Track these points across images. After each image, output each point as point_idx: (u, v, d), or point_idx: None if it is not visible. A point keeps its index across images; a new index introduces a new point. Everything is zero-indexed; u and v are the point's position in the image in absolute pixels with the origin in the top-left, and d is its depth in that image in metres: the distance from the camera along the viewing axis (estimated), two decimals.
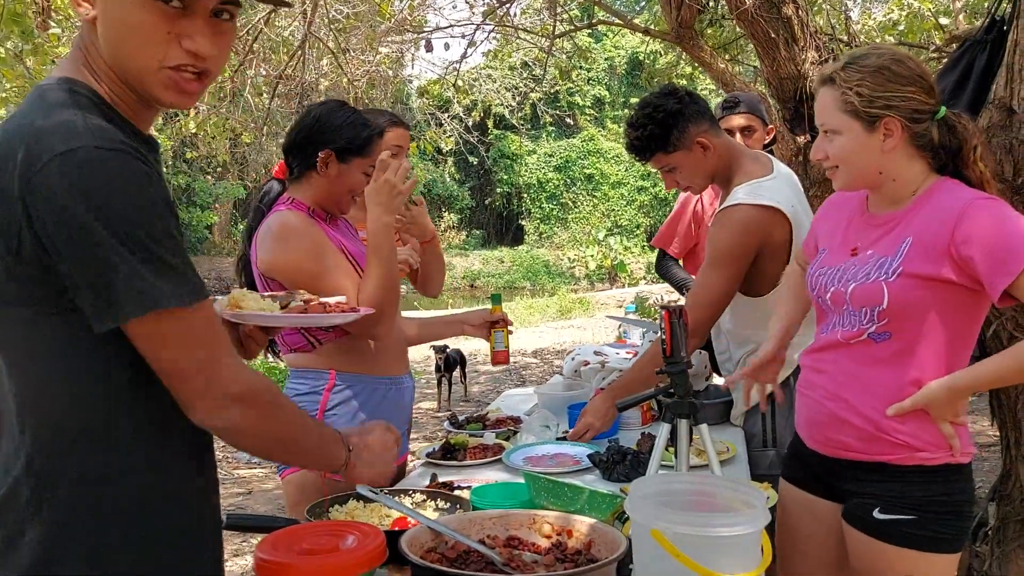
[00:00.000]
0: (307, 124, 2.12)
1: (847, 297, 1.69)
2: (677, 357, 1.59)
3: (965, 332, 1.65)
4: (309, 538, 1.37)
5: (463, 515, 1.57)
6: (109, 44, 1.07)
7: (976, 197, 1.59)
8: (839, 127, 1.67)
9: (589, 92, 22.42)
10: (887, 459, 1.68)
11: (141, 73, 1.07)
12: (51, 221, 0.97)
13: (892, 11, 6.10)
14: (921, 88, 1.64)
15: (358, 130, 2.10)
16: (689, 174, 2.31)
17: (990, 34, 2.31)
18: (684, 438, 1.61)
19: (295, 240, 2.01)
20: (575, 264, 21.03)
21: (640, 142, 2.27)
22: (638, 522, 1.26)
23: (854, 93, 1.63)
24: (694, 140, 2.26)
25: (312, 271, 2.00)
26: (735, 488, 1.37)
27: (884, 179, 1.69)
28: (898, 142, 1.65)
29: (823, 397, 1.76)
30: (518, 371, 8.76)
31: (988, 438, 4.71)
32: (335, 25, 7.61)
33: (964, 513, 1.69)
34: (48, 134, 0.98)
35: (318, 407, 2.09)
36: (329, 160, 2.09)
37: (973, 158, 1.63)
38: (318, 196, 2.13)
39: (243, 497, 4.86)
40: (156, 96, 1.09)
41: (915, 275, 1.60)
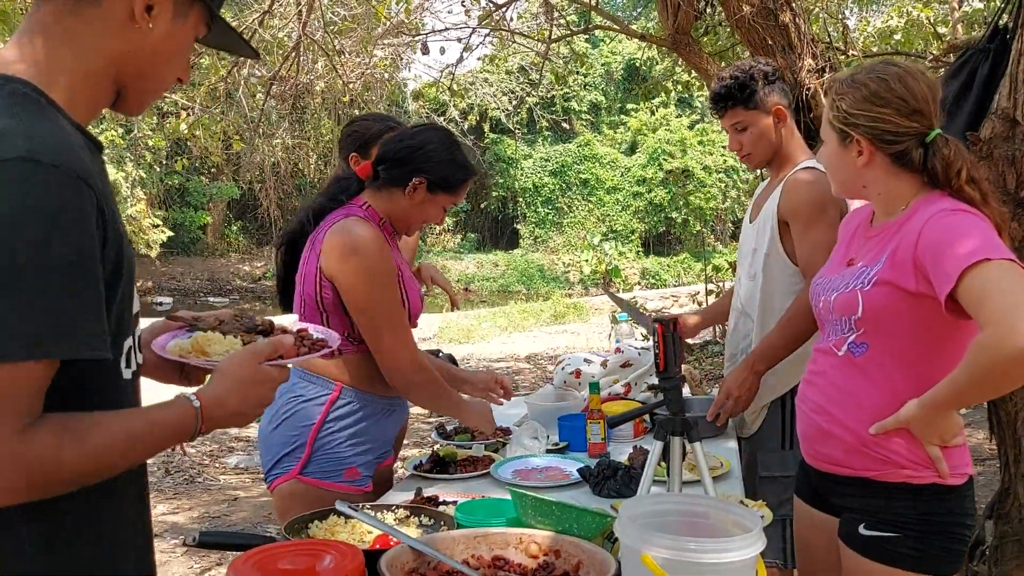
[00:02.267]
0: (411, 145, 2.11)
1: (831, 306, 1.71)
2: (671, 372, 1.55)
3: (948, 349, 1.61)
4: (285, 557, 1.31)
5: (447, 534, 1.52)
6: (149, 56, 1.10)
7: (947, 208, 1.57)
8: (824, 135, 1.73)
9: (585, 97, 22.41)
10: (871, 475, 1.66)
11: (156, 86, 1.15)
12: None
13: (891, 18, 6.08)
14: (898, 111, 1.61)
15: (456, 171, 2.13)
16: (756, 139, 2.40)
17: (993, 43, 2.28)
18: (677, 456, 1.57)
19: (369, 258, 2.01)
20: (570, 269, 20.99)
21: (725, 90, 2.37)
22: (628, 546, 1.21)
23: (834, 107, 1.67)
24: (774, 106, 2.37)
25: (386, 302, 2.04)
26: (728, 510, 1.33)
27: (869, 192, 1.71)
28: (868, 160, 1.65)
29: (812, 410, 1.76)
30: (510, 376, 8.71)
31: (984, 453, 4.68)
32: (331, 27, 7.57)
33: (954, 534, 1.65)
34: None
35: (317, 418, 2.07)
36: (419, 187, 2.10)
37: (958, 183, 1.60)
38: (395, 213, 2.15)
39: (228, 504, 4.79)
40: (139, 106, 1.16)
41: (888, 283, 1.60)
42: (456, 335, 11.40)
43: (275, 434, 2.09)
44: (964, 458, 1.66)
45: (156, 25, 1.09)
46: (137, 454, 1.06)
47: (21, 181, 0.91)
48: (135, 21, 1.07)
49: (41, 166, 0.92)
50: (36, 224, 0.90)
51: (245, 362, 1.16)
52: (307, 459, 2.05)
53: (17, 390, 0.91)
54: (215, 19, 1.17)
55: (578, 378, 2.88)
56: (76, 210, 0.94)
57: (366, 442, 2.12)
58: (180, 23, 1.12)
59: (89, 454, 0.97)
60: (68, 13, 1.05)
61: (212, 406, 1.10)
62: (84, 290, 0.95)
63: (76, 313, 0.94)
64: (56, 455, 0.94)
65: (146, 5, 1.07)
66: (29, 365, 0.91)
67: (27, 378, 0.92)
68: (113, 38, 1.07)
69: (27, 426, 0.92)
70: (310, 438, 2.05)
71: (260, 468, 5.53)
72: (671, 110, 21.53)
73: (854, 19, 9.71)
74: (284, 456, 2.07)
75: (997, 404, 2.51)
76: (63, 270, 0.92)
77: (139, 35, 1.08)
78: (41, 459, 0.93)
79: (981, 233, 1.51)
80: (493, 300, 18.49)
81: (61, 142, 0.96)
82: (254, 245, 21.46)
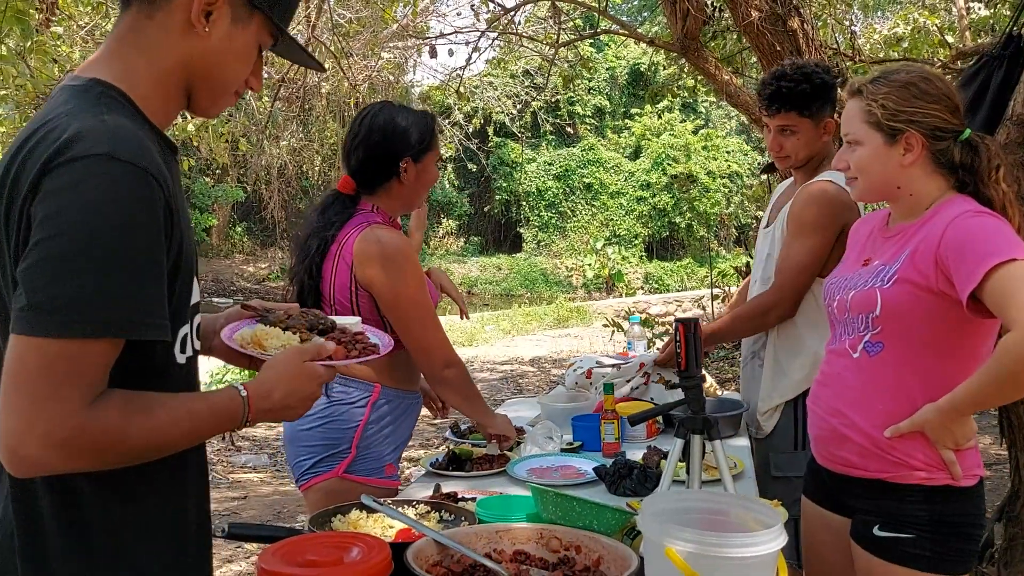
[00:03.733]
0: (376, 138, 2.12)
1: (848, 304, 1.72)
2: (692, 371, 1.57)
3: (962, 352, 1.62)
4: (313, 549, 1.34)
5: (468, 528, 1.54)
6: (210, 59, 1.17)
7: (971, 210, 1.58)
8: (861, 138, 1.70)
9: (590, 102, 22.42)
10: (885, 476, 1.67)
11: (220, 89, 1.21)
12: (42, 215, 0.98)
13: (897, 25, 6.10)
14: (946, 107, 1.65)
15: (421, 126, 2.15)
16: (801, 144, 2.39)
17: (1008, 49, 2.30)
18: (697, 454, 1.59)
19: (408, 267, 2.07)
20: (572, 273, 20.99)
21: (787, 91, 2.34)
22: (652, 540, 1.23)
23: (879, 105, 1.65)
24: (825, 118, 2.38)
25: (420, 305, 2.09)
26: (749, 507, 1.35)
27: (902, 193, 1.70)
28: (917, 157, 1.66)
29: (827, 412, 1.77)
30: (515, 379, 8.72)
31: (992, 456, 4.69)
32: (338, 30, 7.60)
33: (967, 535, 1.67)
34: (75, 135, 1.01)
35: (361, 419, 2.11)
36: (408, 166, 2.13)
37: (995, 177, 1.62)
38: (400, 201, 2.19)
39: (239, 502, 4.81)
40: (211, 108, 1.23)
41: (908, 281, 1.61)
42: (459, 338, 11.42)
43: (312, 434, 2.12)
44: (976, 459, 1.68)
45: (214, 30, 1.15)
46: (195, 434, 1.13)
47: (104, 176, 0.99)
48: (194, 26, 1.13)
49: (121, 164, 1.01)
50: (114, 215, 0.99)
51: (290, 359, 1.25)
52: (352, 459, 2.10)
53: (87, 365, 1.00)
54: (282, 32, 1.23)
55: (589, 378, 2.90)
56: (148, 205, 1.03)
57: (400, 438, 2.19)
58: (239, 29, 1.18)
59: (153, 429, 1.06)
60: (144, 18, 1.14)
61: (257, 397, 1.18)
62: (150, 277, 1.03)
63: (143, 298, 1.02)
64: (122, 427, 1.03)
65: (204, 11, 1.14)
66: (99, 342, 1.00)
67: (96, 354, 1.00)
68: (177, 43, 1.15)
69: (95, 399, 1.01)
70: (355, 439, 2.10)
71: (268, 467, 5.57)
72: (675, 115, 21.54)
73: (859, 25, 9.73)
74: (326, 456, 2.11)
75: (1008, 408, 2.53)
76: (133, 258, 1.01)
77: (199, 40, 1.15)
78: (107, 430, 1.01)
79: (1005, 235, 1.52)
80: (496, 304, 18.49)
81: (140, 143, 1.05)
82: (259, 246, 21.48)
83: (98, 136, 1.01)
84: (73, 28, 6.21)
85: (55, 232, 0.97)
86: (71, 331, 0.97)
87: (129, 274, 1.00)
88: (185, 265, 1.12)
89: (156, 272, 1.04)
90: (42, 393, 0.97)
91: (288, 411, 1.23)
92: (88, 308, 0.98)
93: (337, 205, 2.16)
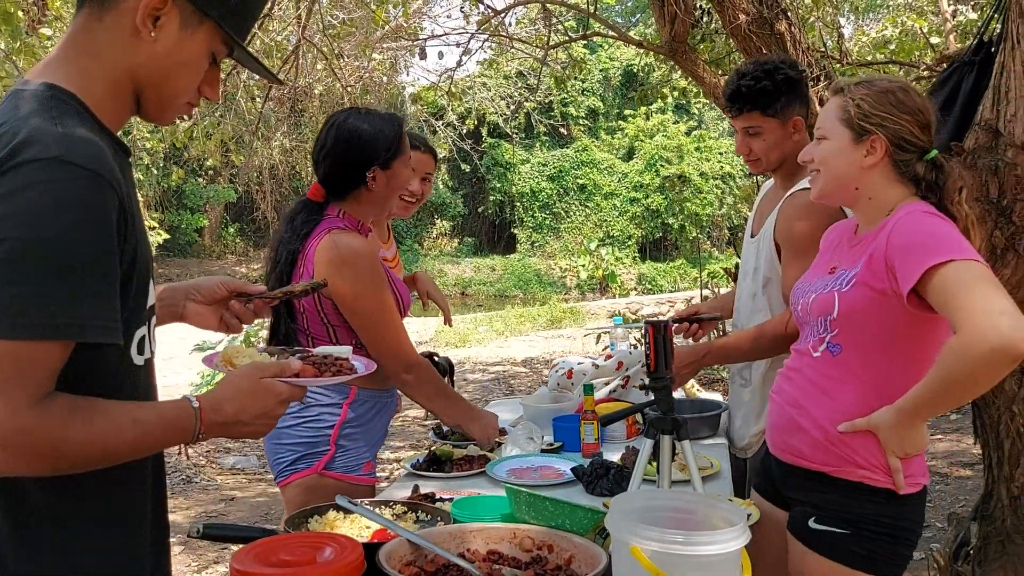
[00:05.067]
0: (342, 148, 2.13)
1: (809, 306, 1.75)
2: (661, 372, 1.59)
3: (919, 353, 1.64)
4: (286, 549, 1.35)
5: (443, 528, 1.56)
6: (156, 65, 1.15)
7: (921, 209, 1.62)
8: (829, 133, 1.74)
9: (583, 103, 22.46)
10: (828, 470, 1.70)
11: (168, 97, 1.19)
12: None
13: (886, 28, 6.13)
14: (917, 121, 1.68)
15: (388, 133, 2.15)
16: (769, 146, 2.27)
17: (978, 55, 2.33)
18: (666, 454, 1.61)
19: (363, 269, 2.08)
20: (566, 274, 21.03)
21: (747, 91, 2.22)
22: (618, 539, 1.26)
23: (854, 104, 1.69)
24: (792, 116, 2.25)
25: (376, 305, 2.09)
26: (716, 505, 1.37)
27: (860, 195, 1.74)
28: (878, 161, 1.69)
29: (786, 403, 1.80)
30: (506, 380, 8.74)
31: (972, 457, 4.73)
32: (330, 31, 7.61)
33: (901, 539, 1.69)
34: (26, 139, 1.01)
35: (337, 419, 2.14)
36: (376, 174, 2.14)
37: (958, 199, 1.66)
38: (370, 207, 2.20)
39: (225, 504, 4.82)
40: (160, 115, 1.21)
41: (864, 284, 1.64)
42: (452, 339, 11.43)
43: (291, 432, 2.15)
44: (921, 467, 1.70)
45: (161, 35, 1.14)
46: (142, 444, 1.12)
47: (54, 179, 1.00)
48: (140, 30, 1.12)
49: (72, 167, 1.01)
50: (64, 218, 0.99)
51: (246, 374, 1.24)
52: (331, 457, 2.13)
53: (34, 366, 1.00)
54: (235, 43, 1.21)
55: (570, 378, 2.92)
56: (100, 208, 1.03)
57: (376, 435, 2.23)
58: (187, 36, 1.15)
59: (95, 435, 1.05)
60: (95, 21, 1.13)
61: (209, 410, 1.17)
62: (101, 280, 1.03)
63: (93, 300, 1.02)
64: (64, 432, 1.02)
65: (151, 15, 1.12)
66: (47, 344, 1.00)
67: (44, 356, 1.00)
68: (126, 46, 1.14)
69: (39, 401, 1.00)
70: (332, 438, 2.13)
71: (256, 469, 5.58)
72: (668, 116, 21.59)
73: (850, 27, 9.78)
74: (305, 454, 2.14)
75: (981, 408, 2.56)
76: (84, 261, 1.01)
77: (146, 45, 1.14)
78: (50, 434, 1.01)
79: (947, 234, 1.56)
80: (490, 304, 18.51)
81: (92, 146, 1.05)
82: (251, 247, 21.46)
83: (49, 140, 1.01)
84: (62, 29, 6.20)
85: (4, 235, 0.97)
86: (17, 332, 0.97)
87: (78, 277, 1.00)
88: (141, 267, 1.12)
89: (106, 274, 1.04)
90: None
91: (242, 427, 1.22)
92: (35, 310, 0.97)
93: (304, 213, 2.18)
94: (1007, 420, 2.48)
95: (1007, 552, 2.55)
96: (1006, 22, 2.16)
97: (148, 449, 1.15)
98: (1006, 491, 2.55)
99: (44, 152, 1.00)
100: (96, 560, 1.12)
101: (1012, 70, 2.11)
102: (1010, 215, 2.16)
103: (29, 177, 0.98)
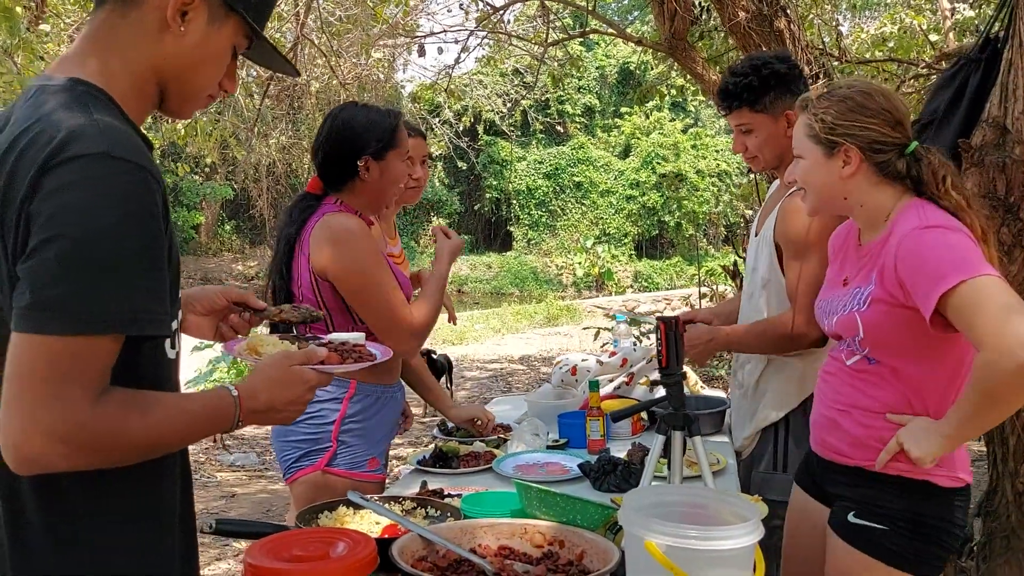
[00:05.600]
0: (335, 138, 2.16)
1: (833, 329, 1.77)
2: (673, 368, 1.59)
3: (954, 353, 1.64)
4: (299, 544, 1.35)
5: (454, 524, 1.56)
6: (184, 59, 1.16)
7: (919, 226, 1.59)
8: (803, 152, 1.75)
9: (579, 100, 22.46)
10: (866, 464, 1.70)
11: (193, 91, 1.20)
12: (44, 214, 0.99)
13: (884, 25, 6.14)
14: (885, 121, 1.68)
15: (382, 125, 2.16)
16: (762, 143, 2.25)
17: (984, 53, 2.32)
18: (678, 450, 1.61)
19: (356, 244, 2.07)
20: (563, 271, 21.04)
21: (735, 87, 2.21)
22: (632, 534, 1.26)
23: (818, 120, 1.70)
24: (784, 111, 2.20)
25: (373, 279, 2.08)
26: (728, 501, 1.38)
27: (851, 204, 1.74)
28: (856, 170, 1.69)
29: (825, 403, 1.81)
30: (504, 377, 8.75)
31: (976, 453, 4.74)
32: (328, 28, 7.59)
33: (940, 540, 1.67)
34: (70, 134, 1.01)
35: (337, 415, 2.14)
36: (369, 164, 2.15)
37: (943, 189, 1.65)
38: (367, 199, 2.20)
39: (226, 500, 4.81)
40: (182, 109, 1.22)
41: (882, 301, 1.64)
42: (449, 337, 11.43)
43: (294, 429, 2.15)
44: (963, 463, 1.69)
45: (190, 30, 1.15)
46: (189, 434, 1.15)
47: (103, 174, 1.00)
48: (170, 25, 1.13)
49: (119, 162, 1.01)
50: (114, 213, 1.00)
51: (276, 364, 1.26)
52: (333, 453, 2.13)
53: (90, 362, 1.01)
54: (257, 35, 1.22)
55: (574, 375, 2.92)
56: (148, 202, 1.04)
57: (382, 430, 2.21)
58: (215, 30, 1.17)
59: (151, 427, 1.07)
60: (117, 18, 1.14)
61: (247, 398, 1.19)
62: (153, 274, 1.05)
63: (144, 294, 1.04)
64: (122, 425, 1.04)
65: (180, 10, 1.13)
66: (103, 339, 1.01)
67: (100, 351, 1.01)
68: (152, 42, 1.14)
69: (97, 396, 1.01)
70: (333, 434, 2.13)
71: (256, 466, 5.57)
72: (665, 114, 21.60)
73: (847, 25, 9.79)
74: (309, 451, 2.14)
75: None
76: (136, 256, 1.02)
77: (174, 39, 1.14)
78: (109, 428, 1.02)
79: (953, 250, 1.54)
80: (486, 302, 18.51)
81: (133, 141, 1.06)
82: (247, 245, 21.42)
83: (93, 135, 1.01)
84: (60, 26, 6.18)
85: (57, 232, 0.98)
86: (76, 329, 0.98)
87: (129, 271, 1.01)
88: (174, 260, 1.14)
89: (157, 267, 1.05)
90: (47, 391, 0.98)
91: (275, 414, 1.24)
92: (89, 306, 0.98)
93: (302, 204, 2.20)
94: (1012, 416, 2.49)
95: (1011, 548, 2.56)
96: (1013, 19, 2.17)
97: (194, 438, 1.18)
98: (1011, 487, 2.55)
99: (90, 148, 1.00)
100: (127, 558, 1.12)
101: (1020, 67, 2.12)
102: (1017, 212, 2.16)
103: (76, 173, 0.99)
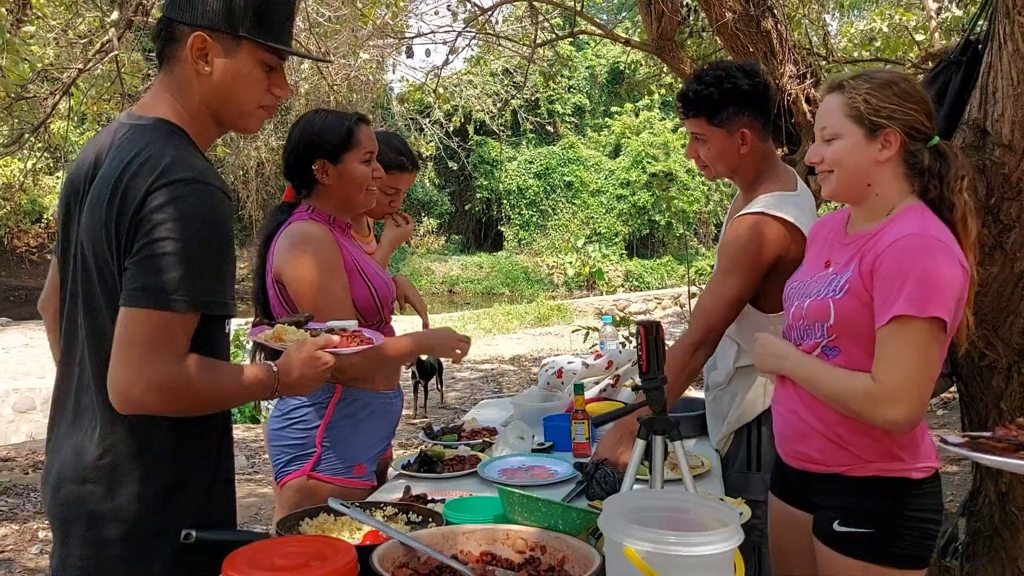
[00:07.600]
0: (292, 144, 2.21)
1: (804, 312, 1.75)
2: (653, 373, 1.59)
3: None
4: (279, 553, 1.35)
5: (436, 530, 1.56)
6: (219, 90, 1.48)
7: (916, 232, 1.60)
8: (840, 131, 1.70)
9: (570, 100, 22.48)
10: (842, 470, 1.71)
11: (240, 111, 1.51)
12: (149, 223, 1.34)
13: (874, 22, 6.15)
14: (923, 110, 1.69)
15: (335, 128, 2.18)
16: (715, 155, 2.23)
17: (965, 55, 2.34)
18: (659, 455, 1.61)
19: (311, 251, 2.07)
20: (554, 271, 21.06)
21: (694, 96, 2.19)
22: (612, 539, 1.26)
23: (862, 100, 1.67)
24: (739, 128, 2.18)
25: (316, 285, 2.05)
26: (709, 505, 1.38)
27: (870, 192, 1.72)
28: (894, 155, 1.68)
29: (789, 410, 1.80)
30: (495, 378, 8.75)
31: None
32: (316, 29, 7.57)
33: (924, 530, 1.70)
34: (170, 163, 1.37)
35: (322, 420, 2.14)
36: (325, 167, 2.16)
37: (959, 186, 1.65)
38: (336, 202, 2.21)
39: None
40: (245, 126, 1.55)
41: (855, 293, 1.65)
42: None
43: (283, 434, 2.17)
44: (929, 451, 1.72)
45: (214, 66, 1.46)
46: (242, 395, 1.52)
47: (198, 193, 1.38)
48: (197, 68, 1.45)
49: (209, 185, 1.39)
50: (206, 222, 1.38)
51: (303, 346, 1.61)
52: (317, 458, 2.12)
53: (179, 331, 1.37)
54: (275, 48, 1.48)
55: (560, 377, 2.92)
56: (227, 215, 1.42)
57: (370, 438, 2.19)
58: (233, 59, 1.46)
59: (217, 386, 1.44)
60: (167, 74, 1.49)
61: (283, 373, 1.56)
62: (225, 268, 1.42)
63: (222, 283, 1.41)
64: (198, 382, 1.39)
65: (200, 54, 1.44)
66: (189, 315, 1.37)
67: (186, 324, 1.37)
68: (194, 84, 1.47)
69: (182, 358, 1.37)
70: (318, 439, 2.13)
71: (245, 470, 5.56)
72: (655, 113, 21.64)
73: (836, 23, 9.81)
74: (297, 456, 2.15)
75: (969, 406, 2.58)
76: (215, 254, 1.39)
77: (206, 77, 1.46)
78: (189, 383, 1.38)
79: (928, 274, 1.55)
80: (477, 302, 18.51)
81: (209, 167, 1.43)
82: (237, 245, 21.26)
83: (184, 164, 1.38)
84: (45, 28, 6.15)
85: (163, 235, 1.33)
86: (173, 306, 1.33)
87: (214, 266, 1.38)
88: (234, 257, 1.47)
89: (231, 264, 1.42)
90: (148, 351, 1.33)
91: (302, 388, 1.60)
92: (185, 290, 1.34)
93: (276, 214, 2.22)
94: (995, 416, 2.50)
95: (994, 548, 2.57)
96: (993, 21, 2.17)
97: (246, 399, 1.56)
98: (993, 487, 2.57)
99: (188, 173, 1.37)
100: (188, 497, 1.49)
101: (999, 69, 2.12)
102: (997, 214, 2.17)
103: (181, 191, 1.35)
